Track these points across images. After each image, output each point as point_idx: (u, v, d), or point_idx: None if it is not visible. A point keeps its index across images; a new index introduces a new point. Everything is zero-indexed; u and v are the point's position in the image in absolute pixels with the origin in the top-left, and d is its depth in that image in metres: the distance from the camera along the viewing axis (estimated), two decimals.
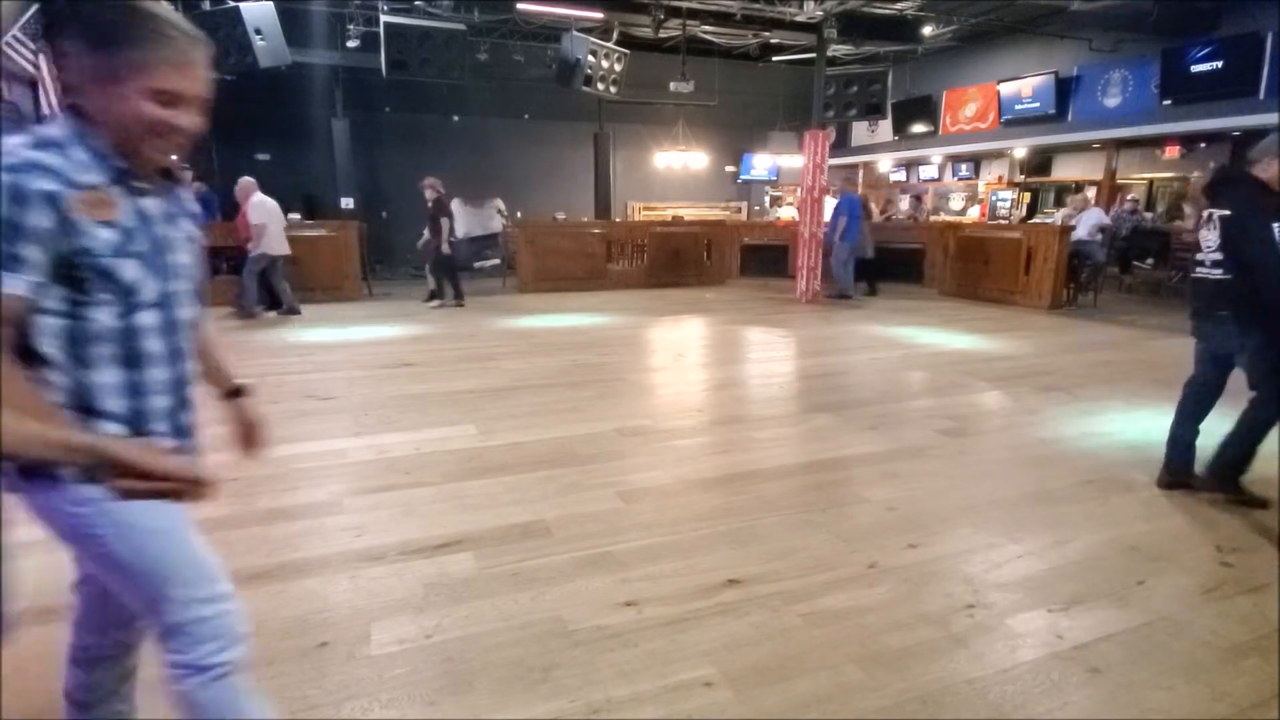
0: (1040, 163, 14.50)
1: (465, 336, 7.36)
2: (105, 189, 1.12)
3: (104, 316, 1.14)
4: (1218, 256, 3.01)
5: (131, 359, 1.18)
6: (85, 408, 1.15)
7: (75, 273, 1.09)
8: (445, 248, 8.99)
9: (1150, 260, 10.53)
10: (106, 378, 1.16)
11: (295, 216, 10.09)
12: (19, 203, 1.02)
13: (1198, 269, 3.15)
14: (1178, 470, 3.30)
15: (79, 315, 1.12)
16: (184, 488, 1.06)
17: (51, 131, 1.10)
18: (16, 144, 1.07)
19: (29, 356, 1.10)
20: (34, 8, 8.81)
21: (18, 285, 1.03)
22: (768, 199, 17.75)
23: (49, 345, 1.11)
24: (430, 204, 8.87)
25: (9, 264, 1.02)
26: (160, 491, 1.04)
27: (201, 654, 1.23)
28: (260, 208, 8.05)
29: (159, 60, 1.10)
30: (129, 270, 1.14)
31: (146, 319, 1.18)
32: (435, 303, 9.33)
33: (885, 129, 15.57)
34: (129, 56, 1.08)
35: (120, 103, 1.10)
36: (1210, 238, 3.03)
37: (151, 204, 1.20)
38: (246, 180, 8.19)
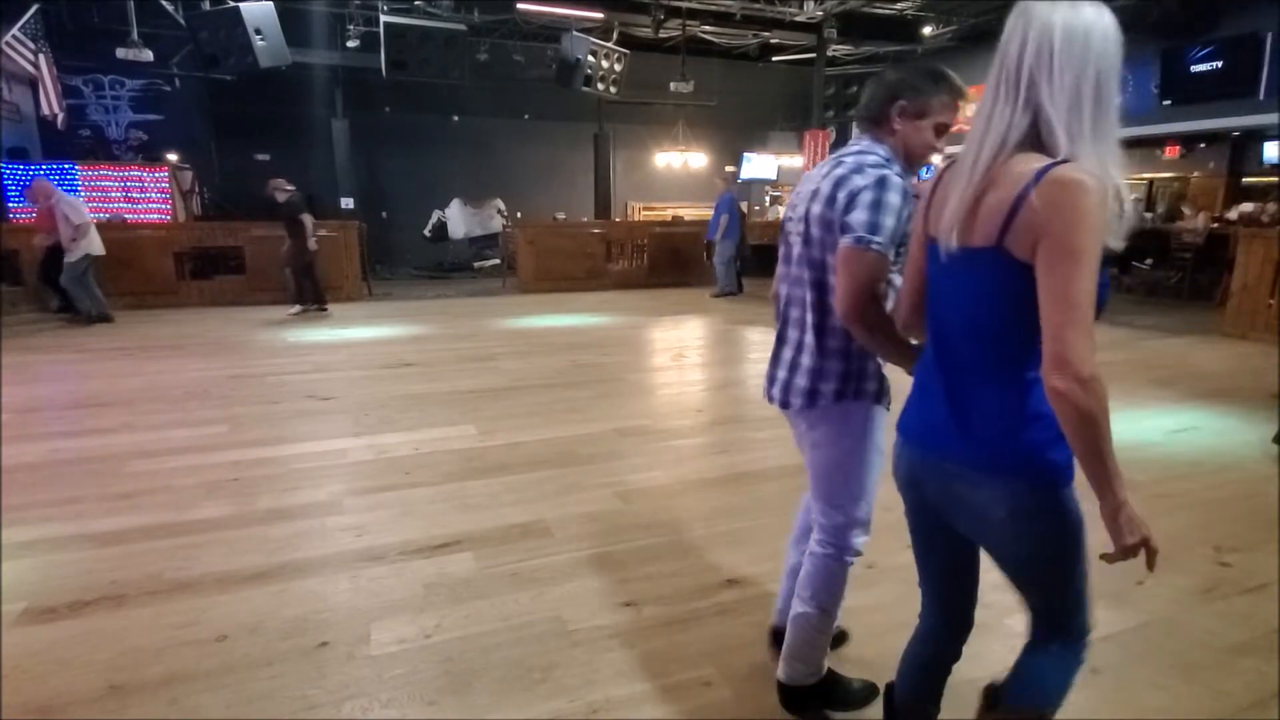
0: None
1: (465, 336, 7.36)
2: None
3: (896, 278, 1.57)
4: None
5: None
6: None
7: (900, 244, 1.56)
8: (313, 244, 8.29)
9: (1149, 260, 10.52)
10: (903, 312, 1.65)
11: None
12: (904, 197, 1.51)
13: None
14: None
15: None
16: None
17: (880, 152, 1.58)
18: (876, 161, 1.54)
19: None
20: (35, 8, 8.82)
21: (886, 249, 1.50)
22: (759, 204, 17.66)
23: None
24: (282, 206, 8.19)
25: (884, 236, 1.48)
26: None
27: (849, 541, 1.79)
28: (81, 206, 7.53)
29: (944, 105, 1.58)
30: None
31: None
32: (297, 308, 8.51)
33: None
34: (932, 103, 1.58)
35: (919, 134, 1.60)
36: None
37: None
38: (44, 181, 7.76)
